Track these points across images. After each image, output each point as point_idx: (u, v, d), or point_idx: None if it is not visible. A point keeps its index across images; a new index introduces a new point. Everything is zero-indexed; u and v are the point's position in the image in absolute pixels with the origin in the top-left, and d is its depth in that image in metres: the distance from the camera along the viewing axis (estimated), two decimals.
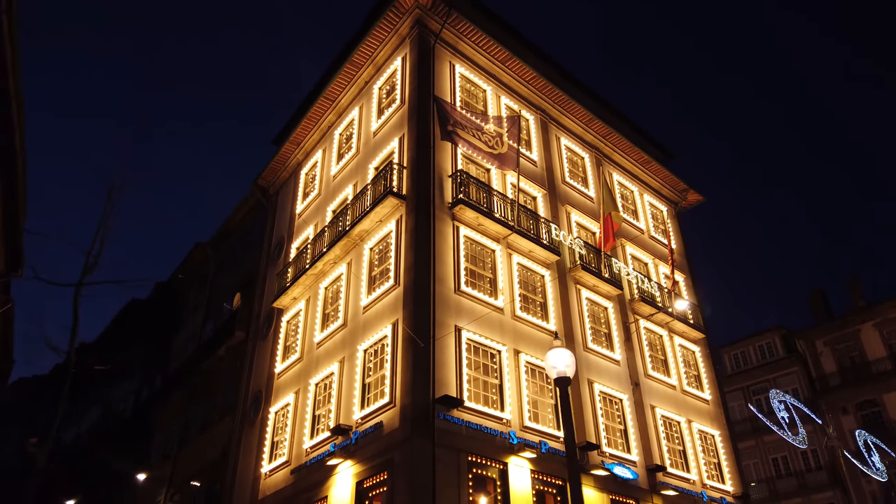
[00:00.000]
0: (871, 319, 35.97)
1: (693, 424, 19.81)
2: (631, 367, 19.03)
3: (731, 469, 20.11)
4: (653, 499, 16.89)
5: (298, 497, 15.61)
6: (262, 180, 25.05)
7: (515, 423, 14.76)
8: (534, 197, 19.60)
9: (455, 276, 15.54)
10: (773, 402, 24.00)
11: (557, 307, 17.82)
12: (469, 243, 16.56)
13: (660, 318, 20.98)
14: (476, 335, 15.04)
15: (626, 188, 24.13)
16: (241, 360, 21.77)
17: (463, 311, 15.18)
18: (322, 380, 16.69)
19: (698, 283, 24.45)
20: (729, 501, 19.23)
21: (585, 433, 16.25)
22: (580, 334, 18.07)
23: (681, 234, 25.42)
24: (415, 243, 15.17)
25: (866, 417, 34.82)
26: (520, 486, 13.99)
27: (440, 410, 13.30)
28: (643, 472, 17.15)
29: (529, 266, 17.78)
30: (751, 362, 40.58)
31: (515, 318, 16.42)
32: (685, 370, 21.13)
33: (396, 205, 16.27)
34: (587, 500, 15.18)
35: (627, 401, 18.05)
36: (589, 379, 17.41)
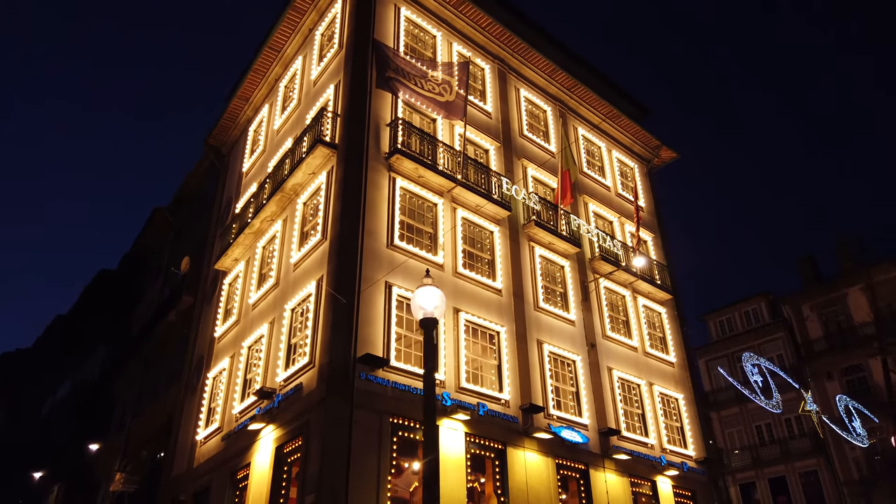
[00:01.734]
0: (859, 283, 34.90)
1: (654, 387, 18.97)
2: (588, 327, 18.12)
3: (694, 433, 19.32)
4: (604, 463, 16.12)
5: (227, 464, 14.88)
6: (212, 140, 23.95)
7: (450, 383, 13.91)
8: (486, 150, 18.48)
9: (389, 229, 14.55)
10: (745, 366, 23.11)
11: (506, 265, 16.85)
12: (407, 196, 15.53)
13: (623, 277, 20.00)
14: (409, 292, 14.09)
15: (592, 144, 22.95)
16: (188, 325, 20.96)
17: (396, 266, 14.22)
18: (254, 342, 15.84)
19: (669, 243, 23.42)
20: (691, 466, 18.48)
21: (532, 395, 15.40)
22: (531, 293, 17.12)
23: (652, 193, 24.30)
24: (343, 194, 14.16)
25: (851, 383, 34.04)
26: (452, 449, 13.19)
27: (362, 370, 12.43)
28: (595, 435, 16.35)
29: (476, 221, 16.76)
30: (736, 329, 39.71)
31: (457, 275, 15.47)
32: (649, 332, 20.21)
33: (328, 155, 15.21)
34: (530, 463, 14.44)
35: (581, 362, 17.18)
36: (539, 339, 16.51)
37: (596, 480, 15.72)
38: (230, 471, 14.64)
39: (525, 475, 14.23)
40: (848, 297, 35.29)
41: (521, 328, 16.22)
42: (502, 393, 14.82)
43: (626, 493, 16.29)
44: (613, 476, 16.21)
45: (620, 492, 16.17)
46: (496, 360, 15.30)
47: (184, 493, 16.61)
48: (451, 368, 14.06)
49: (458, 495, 12.78)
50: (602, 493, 15.67)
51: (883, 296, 34.15)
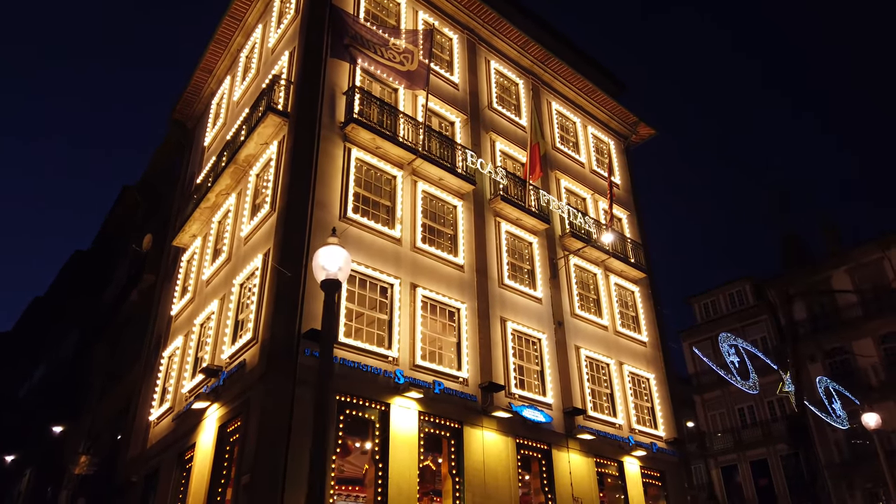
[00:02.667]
0: (844, 265, 34.52)
1: (624, 367, 18.54)
2: (556, 305, 17.64)
3: (665, 414, 18.94)
4: (568, 443, 15.71)
5: (175, 445, 14.43)
6: (177, 114, 23.25)
7: (405, 361, 13.43)
8: (451, 122, 17.87)
9: (342, 201, 13.97)
10: (722, 346, 22.76)
11: (470, 240, 16.32)
12: (363, 167, 14.94)
13: (594, 255, 19.50)
14: (363, 266, 13.57)
15: (567, 119, 22.34)
16: (150, 305, 20.41)
17: (349, 239, 13.65)
18: (205, 320, 15.31)
19: (644, 221, 22.91)
20: (661, 447, 18.11)
21: (493, 373, 14.94)
22: (496, 270, 16.61)
23: (629, 170, 23.75)
24: (293, 165, 13.57)
25: (834, 365, 33.73)
26: (404, 428, 12.74)
27: (307, 346, 11.92)
28: (559, 415, 15.93)
29: (438, 195, 16.20)
30: (720, 311, 39.34)
31: (416, 249, 14.93)
32: (620, 310, 19.76)
33: (279, 124, 14.59)
34: (488, 443, 14.02)
35: (547, 340, 16.72)
36: (502, 317, 16.02)
37: (559, 460, 15.32)
38: (178, 451, 14.19)
39: (482, 455, 13.81)
40: (832, 278, 34.88)
41: (484, 305, 15.73)
42: (461, 371, 14.36)
43: (591, 474, 15.91)
44: (578, 456, 15.81)
45: (585, 472, 15.78)
46: (455, 338, 14.82)
47: (136, 475, 16.17)
48: (405, 345, 13.57)
49: (409, 475, 12.35)
50: (565, 473, 15.27)
51: (866, 277, 33.84)
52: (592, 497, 15.55)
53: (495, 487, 13.68)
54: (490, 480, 13.66)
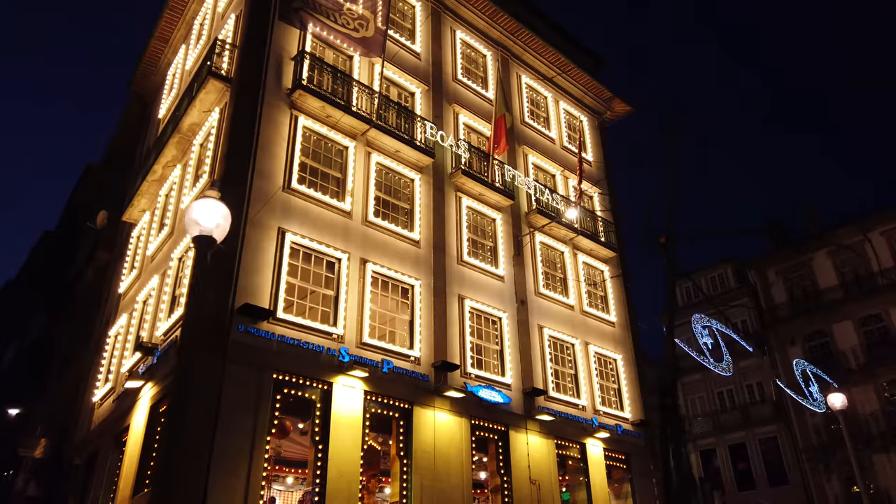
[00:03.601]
0: (825, 248, 34.09)
1: (590, 347, 18.04)
2: (519, 283, 17.08)
3: (632, 395, 18.48)
4: (527, 424, 15.22)
5: (114, 426, 13.86)
6: (135, 87, 22.39)
7: (351, 338, 12.84)
8: (411, 93, 17.14)
9: (286, 172, 13.29)
10: (694, 328, 22.20)
11: (428, 215, 15.69)
12: (312, 136, 14.24)
13: (562, 233, 18.91)
14: (307, 240, 12.93)
15: (538, 94, 21.64)
16: (103, 283, 19.73)
17: (293, 211, 13.01)
18: (146, 296, 14.67)
19: (618, 199, 22.32)
20: (626, 429, 17.66)
21: (448, 352, 14.39)
22: (455, 246, 16.01)
23: (602, 147, 23.09)
24: (232, 132, 12.87)
25: (814, 349, 33.42)
26: (348, 408, 12.17)
27: (241, 322, 11.31)
28: (518, 395, 15.42)
29: (395, 168, 15.53)
30: (702, 294, 38.91)
31: (368, 223, 14.29)
32: (588, 290, 19.23)
33: (222, 90, 13.86)
34: (440, 424, 13.50)
35: (508, 319, 16.17)
36: (460, 294, 15.44)
37: (516, 442, 14.83)
38: (115, 433, 13.62)
39: (433, 436, 13.28)
40: (813, 261, 34.50)
41: (441, 282, 15.14)
42: (413, 350, 13.79)
43: (551, 456, 15.44)
44: (537, 438, 15.33)
45: (544, 454, 15.31)
46: (409, 316, 14.23)
47: (79, 458, 15.60)
48: (352, 323, 12.98)
49: (351, 457, 11.81)
50: (522, 455, 14.79)
51: (847, 260, 33.45)
52: (551, 479, 15.09)
53: (446, 469, 13.18)
54: (441, 462, 13.15)
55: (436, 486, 12.81)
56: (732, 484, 34.37)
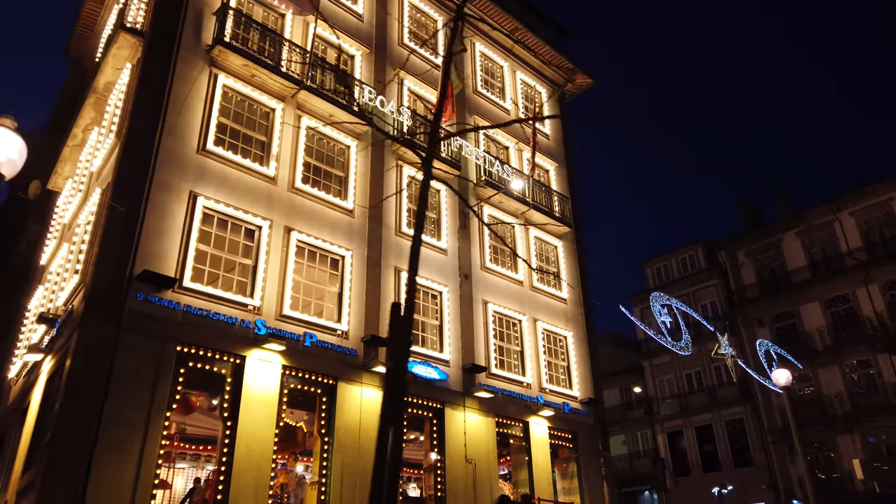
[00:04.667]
0: (795, 228, 33.77)
1: (539, 324, 17.46)
2: (464, 257, 16.41)
3: (582, 373, 17.95)
4: (465, 402, 14.63)
5: (19, 405, 13.10)
6: (72, 51, 21.30)
7: (270, 310, 12.12)
8: (351, 56, 16.29)
9: (202, 132, 12.45)
10: (653, 306, 21.72)
11: (364, 184, 14.94)
12: (235, 96, 13.38)
13: (513, 206, 18.25)
14: (223, 205, 12.14)
15: (493, 63, 20.83)
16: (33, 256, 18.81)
17: (208, 175, 12.20)
18: (58, 266, 13.83)
19: (575, 175, 21.64)
20: (574, 407, 17.15)
21: (380, 327, 13.71)
22: (394, 217, 15.29)
23: (562, 121, 22.37)
24: (140, 88, 12.00)
25: (781, 329, 33.17)
26: (263, 383, 11.49)
27: (141, 290, 10.54)
28: (457, 372, 14.82)
29: (328, 133, 14.73)
30: (672, 276, 38.58)
31: (295, 190, 13.51)
32: (540, 265, 18.61)
33: (134, 45, 12.95)
34: (368, 401, 12.86)
35: (449, 293, 15.52)
36: (397, 267, 14.74)
37: (452, 420, 14.25)
38: (20, 411, 12.86)
39: (359, 413, 12.65)
40: (783, 241, 34.15)
41: (376, 254, 14.44)
42: (340, 323, 13.11)
43: (490, 434, 14.89)
44: (476, 416, 14.76)
45: (483, 432, 14.75)
46: (338, 288, 13.53)
47: None
48: (272, 294, 12.25)
49: (264, 434, 11.15)
50: (458, 433, 14.22)
51: (816, 241, 33.14)
52: (489, 458, 14.55)
53: (372, 448, 12.49)
54: (366, 441, 12.52)
55: (359, 465, 12.19)
56: (698, 466, 34.26)
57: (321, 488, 11.72)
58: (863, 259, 30.54)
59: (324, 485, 11.74)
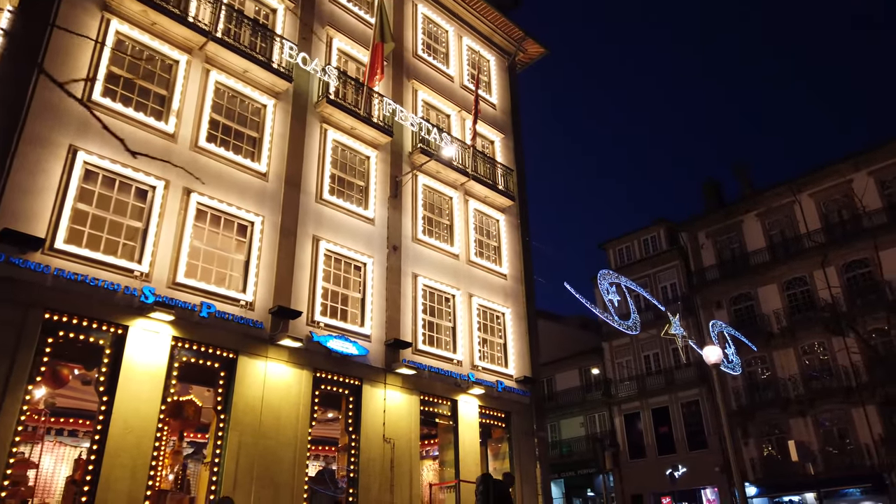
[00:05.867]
0: (755, 209, 33.43)
1: (474, 299, 16.71)
2: (393, 228, 15.54)
3: (519, 351, 17.28)
4: (386, 378, 13.84)
5: None
6: None
7: (161, 277, 11.16)
8: (273, 9, 15.19)
9: (88, 83, 11.35)
10: (600, 284, 21.09)
11: (282, 146, 13.94)
12: (131, 45, 12.27)
13: (452, 177, 17.38)
14: (108, 161, 11.10)
15: (437, 26, 19.81)
16: None
17: (93, 128, 11.11)
18: None
19: (522, 147, 20.80)
20: (508, 386, 16.48)
21: (293, 299, 12.83)
22: (315, 183, 14.33)
23: (510, 90, 21.49)
24: (14, 31, 10.84)
25: (739, 312, 32.94)
26: (147, 356, 10.56)
27: (2, 251, 9.51)
28: (379, 347, 14.01)
29: (241, 90, 13.69)
30: (634, 257, 38.17)
31: (197, 149, 12.48)
32: (478, 239, 17.82)
33: None
34: (274, 376, 12.01)
35: (375, 265, 14.67)
36: (316, 236, 13.83)
37: (371, 397, 13.47)
38: None
39: (262, 389, 11.79)
40: (744, 223, 33.82)
41: (291, 221, 13.50)
42: (245, 293, 12.19)
43: (413, 412, 14.14)
44: (399, 393, 13.99)
45: (405, 411, 14.00)
46: (245, 255, 12.58)
47: None
48: (164, 259, 11.29)
49: (146, 411, 10.24)
50: (377, 411, 13.45)
51: (776, 223, 32.85)
52: (410, 438, 13.82)
53: (276, 426, 11.73)
54: (270, 418, 11.69)
55: (259, 444, 11.37)
56: (654, 448, 34.11)
57: (213, 468, 10.88)
58: (821, 241, 30.31)
59: (217, 465, 10.90)
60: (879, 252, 28.36)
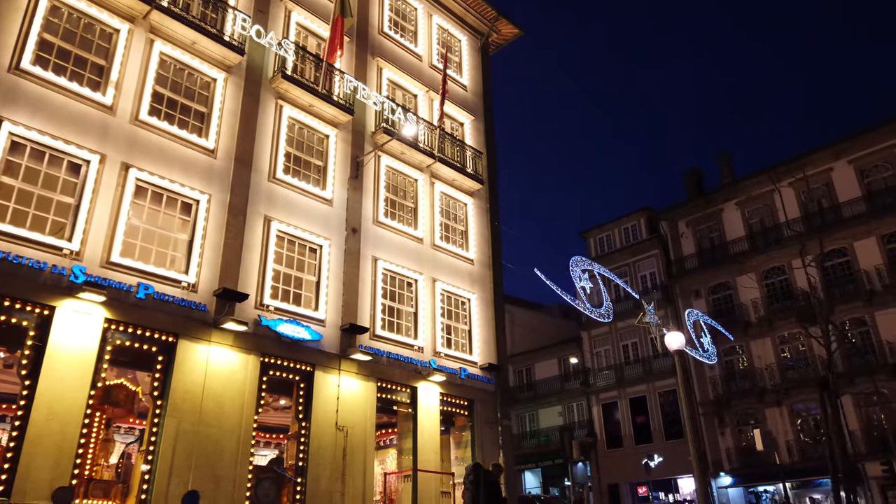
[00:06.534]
0: (735, 198, 33.14)
1: (438, 284, 16.23)
2: (353, 209, 15.00)
3: (484, 338, 16.84)
4: (340, 364, 13.36)
5: None
6: None
7: (93, 256, 10.59)
8: None
9: (17, 49, 10.69)
10: (572, 271, 20.66)
11: (234, 122, 13.35)
12: (65, 11, 11.59)
13: (417, 158, 16.85)
14: (37, 133, 10.48)
15: (405, 3, 19.20)
16: None
17: (20, 97, 10.48)
18: None
19: (493, 130, 20.28)
20: (472, 373, 16.05)
21: (240, 280, 12.29)
22: (268, 161, 13.75)
23: (482, 71, 20.93)
24: None
25: (717, 301, 32.72)
26: (76, 338, 10.00)
27: None
28: (334, 332, 13.51)
29: (189, 63, 13.05)
30: (614, 246, 37.84)
31: (137, 122, 11.86)
32: (444, 222, 17.33)
33: None
34: (217, 361, 11.51)
35: (331, 248, 14.14)
36: (267, 216, 13.27)
37: (324, 384, 12.98)
38: None
39: (204, 374, 11.27)
40: (723, 212, 33.54)
41: (241, 200, 12.92)
42: (188, 275, 11.64)
43: (369, 400, 13.68)
44: (354, 380, 13.52)
45: (361, 398, 13.53)
46: (188, 235, 12.01)
47: None
48: (98, 237, 10.70)
49: (73, 396, 9.70)
50: (331, 398, 12.97)
51: (756, 212, 32.60)
52: (366, 425, 13.36)
53: (218, 413, 11.22)
54: (211, 405, 11.17)
55: (200, 432, 10.86)
56: (631, 437, 33.94)
57: (148, 457, 10.37)
58: (799, 230, 30.07)
59: (152, 453, 10.39)
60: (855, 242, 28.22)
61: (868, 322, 27.30)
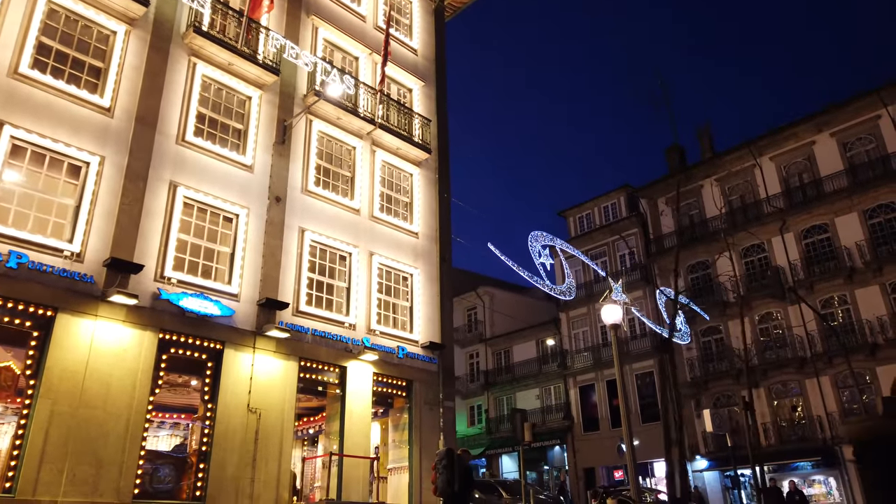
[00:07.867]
0: (716, 174, 32.02)
1: (375, 258, 15.20)
2: (278, 177, 13.92)
3: (428, 315, 15.84)
4: (255, 342, 12.36)
5: None
6: None
7: None
8: None
9: None
10: (532, 247, 19.63)
11: (136, 79, 12.23)
12: None
13: (356, 125, 15.74)
14: None
15: None
16: None
17: None
18: None
19: (446, 96, 19.13)
20: (411, 352, 15.07)
21: (137, 251, 11.26)
22: (177, 123, 12.64)
23: (435, 36, 19.72)
24: None
25: (696, 280, 31.72)
26: None
27: None
28: (249, 308, 12.50)
29: (83, 13, 11.90)
30: (594, 224, 36.78)
31: (17, 76, 10.75)
32: (386, 193, 16.25)
33: None
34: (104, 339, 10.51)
35: (249, 216, 13.09)
36: (173, 181, 12.20)
37: (235, 362, 11.99)
38: None
39: (87, 353, 10.26)
40: (703, 189, 32.43)
41: (142, 164, 11.84)
42: (72, 243, 10.60)
43: (290, 380, 12.69)
44: (272, 358, 12.53)
45: (280, 378, 12.55)
46: (75, 200, 10.95)
47: None
48: None
49: None
50: (243, 378, 11.99)
51: (736, 188, 31.49)
52: (284, 408, 12.39)
53: (104, 394, 10.23)
54: (96, 385, 10.18)
55: (79, 414, 9.88)
56: (607, 420, 33.13)
57: (15, 441, 9.40)
58: (780, 206, 29.00)
59: (20, 437, 9.41)
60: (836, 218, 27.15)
61: (848, 300, 26.31)
